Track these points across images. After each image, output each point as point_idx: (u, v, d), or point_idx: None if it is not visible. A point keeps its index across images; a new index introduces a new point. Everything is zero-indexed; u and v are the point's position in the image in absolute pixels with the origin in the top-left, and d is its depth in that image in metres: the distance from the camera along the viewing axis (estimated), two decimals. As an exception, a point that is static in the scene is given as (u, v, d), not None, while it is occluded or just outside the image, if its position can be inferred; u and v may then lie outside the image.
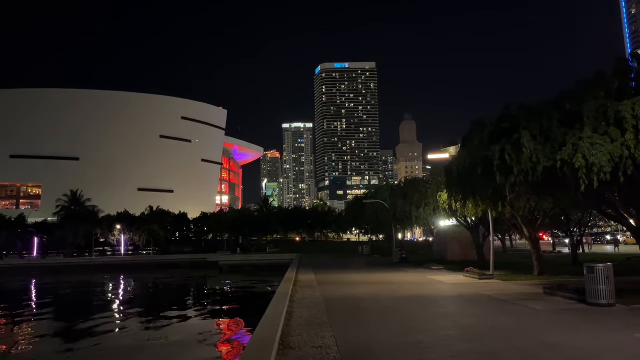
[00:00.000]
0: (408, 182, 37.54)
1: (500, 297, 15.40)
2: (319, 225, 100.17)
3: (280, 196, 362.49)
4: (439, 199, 24.71)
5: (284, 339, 9.02)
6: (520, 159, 11.93)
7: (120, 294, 37.80)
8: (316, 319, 11.31)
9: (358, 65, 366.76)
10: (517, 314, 12.21)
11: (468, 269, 22.77)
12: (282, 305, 12.69)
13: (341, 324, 10.79)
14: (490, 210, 18.71)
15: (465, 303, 14.79)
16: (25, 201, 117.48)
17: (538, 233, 23.22)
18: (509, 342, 8.82)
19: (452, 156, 23.85)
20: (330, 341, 8.83)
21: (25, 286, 44.56)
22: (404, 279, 23.44)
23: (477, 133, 15.53)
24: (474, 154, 14.00)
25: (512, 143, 12.21)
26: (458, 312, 13.12)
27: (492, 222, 21.94)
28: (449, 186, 18.74)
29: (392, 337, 9.41)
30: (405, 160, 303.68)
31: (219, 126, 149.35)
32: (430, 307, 13.88)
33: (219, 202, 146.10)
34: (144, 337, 18.25)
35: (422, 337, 9.24)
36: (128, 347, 16.19)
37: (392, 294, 17.01)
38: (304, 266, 34.60)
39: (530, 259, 37.91)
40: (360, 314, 12.39)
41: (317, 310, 12.83)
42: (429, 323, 11.09)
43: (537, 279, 21.05)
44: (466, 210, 20.88)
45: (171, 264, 62.87)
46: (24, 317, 25.24)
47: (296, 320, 11.19)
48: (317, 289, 18.53)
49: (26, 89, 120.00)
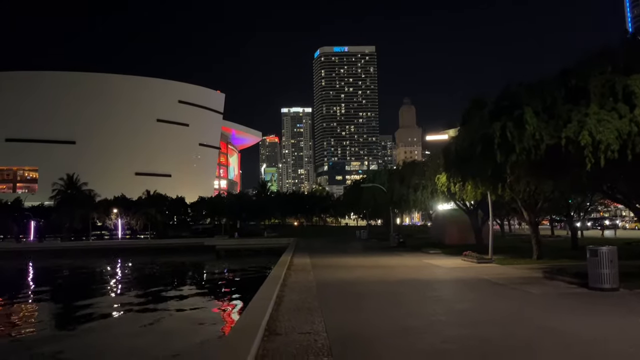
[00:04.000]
0: (406, 165, 36.99)
1: (498, 281, 14.98)
2: (317, 209, 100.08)
3: (279, 181, 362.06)
4: (437, 182, 24.17)
5: (270, 324, 8.55)
6: (522, 137, 11.33)
7: (116, 278, 37.53)
8: (307, 304, 10.85)
9: (357, 49, 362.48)
10: (516, 298, 11.77)
11: (466, 253, 22.37)
12: (272, 290, 12.24)
13: (332, 308, 10.34)
14: (490, 193, 18.17)
15: (462, 287, 14.37)
16: (21, 185, 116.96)
17: (538, 217, 22.76)
18: (506, 327, 8.36)
19: (451, 137, 23.21)
20: (319, 327, 8.36)
21: (22, 270, 44.26)
22: (400, 262, 23.05)
23: (476, 111, 14.91)
24: (473, 133, 13.40)
25: (514, 119, 11.60)
26: (454, 297, 12.68)
27: (491, 205, 21.45)
28: (447, 167, 18.15)
29: (384, 322, 8.94)
30: (405, 145, 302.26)
31: (216, 110, 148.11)
32: (425, 291, 13.44)
33: (217, 186, 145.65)
34: (142, 322, 17.93)
35: (415, 322, 8.79)
36: (126, 334, 15.77)
37: (387, 278, 16.60)
38: (300, 250, 34.24)
39: (528, 243, 37.60)
40: (353, 299, 11.94)
41: (308, 294, 12.38)
42: (423, 308, 10.64)
43: (536, 262, 20.64)
44: (465, 193, 20.36)
45: (168, 248, 62.63)
46: (21, 301, 25.12)
47: (286, 305, 10.73)
48: (311, 272, 18.11)
49: (21, 72, 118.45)
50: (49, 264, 46.92)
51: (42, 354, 13.82)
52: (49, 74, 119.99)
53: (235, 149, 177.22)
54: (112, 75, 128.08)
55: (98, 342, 14.92)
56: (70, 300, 25.24)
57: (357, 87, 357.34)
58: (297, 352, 6.71)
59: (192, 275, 38.21)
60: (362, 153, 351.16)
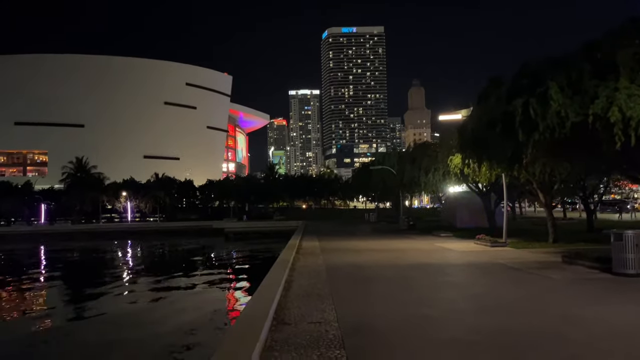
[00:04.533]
0: (417, 146, 36.19)
1: (514, 265, 14.45)
2: (326, 192, 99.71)
3: (287, 164, 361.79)
4: (450, 163, 23.48)
5: (279, 312, 8.14)
6: (546, 114, 10.63)
7: (126, 261, 37.68)
8: (316, 290, 10.43)
9: (366, 29, 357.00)
10: (534, 284, 11.25)
11: (479, 236, 21.81)
12: (280, 274, 11.83)
13: (343, 295, 9.90)
14: (505, 175, 17.47)
15: (477, 272, 13.84)
16: (32, 168, 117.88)
17: (553, 199, 22.05)
18: (527, 316, 7.86)
19: (465, 117, 22.45)
20: (330, 315, 7.92)
21: (34, 252, 44.65)
22: (411, 246, 22.59)
23: (493, 90, 14.15)
24: (491, 112, 12.68)
25: (537, 96, 10.88)
26: (470, 282, 12.18)
27: (506, 187, 20.78)
28: (462, 148, 17.43)
29: (398, 310, 8.48)
30: (414, 128, 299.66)
31: (224, 92, 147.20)
32: (439, 276, 12.96)
33: (225, 169, 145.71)
34: (152, 306, 17.79)
35: (430, 310, 8.31)
36: (131, 324, 15.56)
37: (398, 262, 16.14)
38: (308, 233, 33.93)
39: (541, 226, 36.85)
40: (365, 284, 11.50)
41: (318, 279, 11.96)
42: (437, 294, 10.16)
43: (552, 246, 20.07)
44: (479, 174, 19.68)
45: (177, 230, 62.99)
46: (33, 284, 25.31)
47: (295, 291, 10.31)
48: (320, 256, 17.72)
49: (28, 55, 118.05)
50: (60, 247, 47.27)
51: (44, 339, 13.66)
52: (57, 57, 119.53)
53: (243, 131, 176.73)
54: (120, 58, 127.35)
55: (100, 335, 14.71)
56: (81, 282, 25.68)
57: (365, 68, 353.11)
58: (307, 343, 6.28)
59: (201, 257, 38.18)
60: (371, 135, 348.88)
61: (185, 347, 12.07)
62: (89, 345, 12.71)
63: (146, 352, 11.87)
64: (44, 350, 12.62)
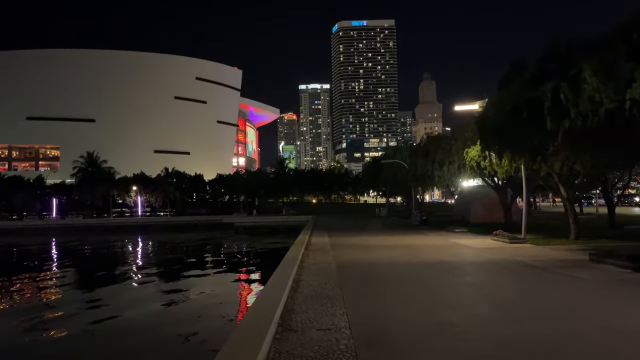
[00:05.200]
0: (430, 139, 35.12)
1: (536, 264, 13.55)
2: (336, 187, 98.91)
3: (297, 159, 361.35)
4: (465, 156, 22.49)
5: (285, 316, 7.41)
6: (578, 99, 9.70)
7: (137, 256, 37.38)
8: (326, 290, 9.68)
9: (376, 23, 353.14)
10: (565, 285, 10.36)
11: (496, 232, 20.86)
12: (288, 273, 11.09)
13: (355, 296, 9.14)
14: (528, 167, 16.48)
15: (498, 271, 12.95)
16: (44, 163, 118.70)
17: (575, 193, 20.99)
18: (565, 325, 7.01)
19: (482, 107, 21.39)
20: (341, 321, 7.17)
21: (45, 247, 44.63)
22: (424, 242, 21.75)
23: (516, 75, 13.19)
24: (515, 98, 11.73)
25: (569, 80, 9.94)
26: (491, 283, 11.31)
27: (526, 179, 19.77)
28: (483, 138, 16.43)
29: (416, 315, 7.69)
30: (425, 122, 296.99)
31: (234, 87, 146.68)
32: (457, 275, 12.12)
33: (236, 164, 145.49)
34: (165, 303, 17.21)
35: (453, 316, 7.51)
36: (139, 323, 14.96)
37: (412, 260, 15.32)
38: (318, 228, 33.24)
39: (558, 220, 35.78)
40: (378, 284, 10.72)
41: (328, 278, 11.21)
42: (458, 296, 9.35)
43: (574, 242, 19.08)
44: (499, 166, 18.68)
45: (187, 225, 62.83)
46: (45, 276, 25.14)
47: (303, 291, 9.58)
48: (330, 253, 16.97)
49: (40, 50, 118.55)
50: (71, 241, 47.26)
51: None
52: (68, 51, 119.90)
53: (253, 126, 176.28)
54: (130, 53, 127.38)
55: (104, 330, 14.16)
56: (90, 278, 25.28)
57: (376, 62, 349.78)
58: (316, 356, 5.53)
59: (210, 252, 37.70)
60: (381, 130, 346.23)
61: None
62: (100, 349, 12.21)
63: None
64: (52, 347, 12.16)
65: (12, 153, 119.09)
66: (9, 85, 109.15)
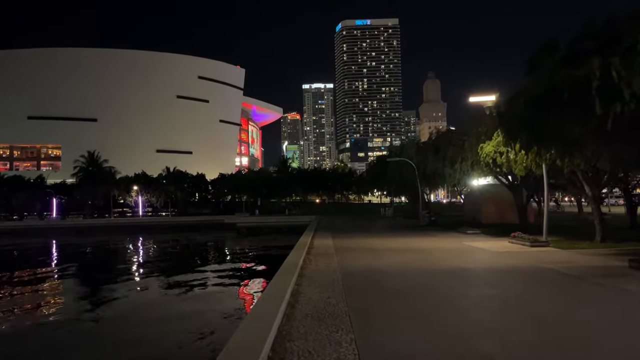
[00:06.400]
0: (440, 135, 33.47)
1: (569, 271, 11.96)
2: (339, 186, 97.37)
3: (300, 158, 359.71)
4: (480, 152, 20.90)
5: (277, 345, 5.90)
6: (632, 78, 8.14)
7: (137, 256, 36.00)
8: (330, 306, 8.15)
9: (380, 22, 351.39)
10: (610, 300, 8.77)
11: (514, 234, 19.25)
12: (286, 284, 9.57)
13: (365, 315, 7.61)
14: (556, 161, 14.83)
15: (527, 281, 11.32)
16: (45, 162, 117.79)
17: (602, 191, 19.31)
18: (631, 355, 5.46)
19: (499, 98, 19.74)
20: (349, 352, 5.66)
21: (45, 247, 43.33)
22: (436, 245, 20.18)
23: (546, 56, 11.60)
24: (549, 80, 10.13)
25: (622, 55, 8.38)
26: (522, 296, 9.68)
27: (547, 177, 18.16)
28: (506, 129, 14.76)
29: (443, 344, 6.15)
30: (429, 121, 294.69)
31: (236, 86, 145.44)
32: (481, 286, 10.56)
33: (239, 163, 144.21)
34: (166, 306, 15.96)
35: (488, 345, 5.98)
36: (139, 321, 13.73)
37: (426, 266, 13.77)
38: (321, 229, 31.74)
39: (573, 221, 34.14)
40: (390, 299, 9.17)
41: (332, 291, 9.67)
42: (488, 315, 7.77)
43: (601, 246, 17.47)
44: (519, 162, 17.04)
45: (187, 225, 61.53)
46: (46, 278, 24.12)
47: (302, 309, 8.05)
48: (334, 258, 15.44)
49: (42, 49, 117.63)
50: (72, 242, 46.05)
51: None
52: (70, 50, 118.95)
53: (256, 125, 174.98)
54: (132, 51, 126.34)
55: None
56: (93, 278, 24.41)
57: (379, 61, 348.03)
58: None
59: (209, 255, 36.22)
60: (385, 129, 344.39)
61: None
62: (102, 342, 11.77)
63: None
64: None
65: (14, 153, 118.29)
66: (10, 84, 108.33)
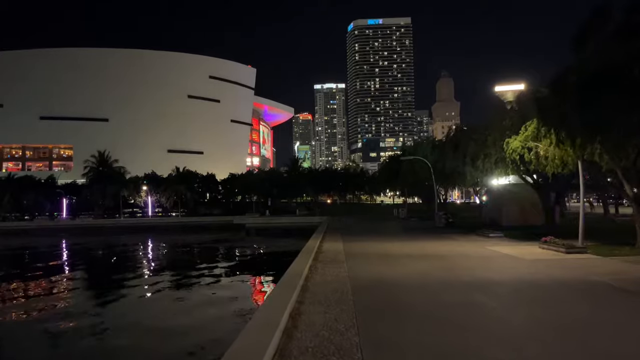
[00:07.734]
0: (459, 130, 31.49)
1: (627, 286, 10.02)
2: (351, 186, 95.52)
3: (312, 159, 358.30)
4: (506, 148, 18.95)
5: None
6: None
7: (147, 257, 34.82)
8: (337, 336, 6.40)
9: (392, 21, 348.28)
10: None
11: (545, 239, 17.25)
12: (284, 303, 7.82)
13: (382, 350, 5.84)
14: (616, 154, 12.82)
15: (578, 299, 9.24)
16: (57, 162, 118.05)
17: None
18: None
19: (527, 87, 17.79)
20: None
21: (56, 248, 42.40)
22: (456, 250, 18.28)
23: (595, 32, 9.74)
24: (604, 56, 8.30)
25: None
26: (584, 322, 7.64)
27: (582, 175, 16.17)
28: (548, 117, 12.79)
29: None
30: (442, 120, 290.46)
31: (248, 85, 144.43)
32: (523, 307, 8.69)
33: (250, 163, 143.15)
34: (174, 310, 14.71)
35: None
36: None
37: (450, 278, 11.89)
38: (331, 231, 29.98)
39: (602, 223, 31.89)
40: (413, 323, 7.37)
41: (340, 310, 7.91)
42: (545, 353, 5.94)
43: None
44: (561, 156, 15.08)
45: (196, 226, 60.47)
46: (57, 277, 23.18)
47: (301, 339, 6.32)
48: (344, 265, 13.67)
49: (53, 49, 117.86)
50: (82, 242, 45.16)
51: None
52: (82, 50, 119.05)
53: (267, 125, 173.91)
54: (144, 51, 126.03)
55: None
56: (104, 277, 23.72)
57: (392, 60, 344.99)
58: None
59: (217, 257, 34.65)
60: (397, 129, 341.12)
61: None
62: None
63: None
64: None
65: (26, 153, 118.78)
66: (22, 84, 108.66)
